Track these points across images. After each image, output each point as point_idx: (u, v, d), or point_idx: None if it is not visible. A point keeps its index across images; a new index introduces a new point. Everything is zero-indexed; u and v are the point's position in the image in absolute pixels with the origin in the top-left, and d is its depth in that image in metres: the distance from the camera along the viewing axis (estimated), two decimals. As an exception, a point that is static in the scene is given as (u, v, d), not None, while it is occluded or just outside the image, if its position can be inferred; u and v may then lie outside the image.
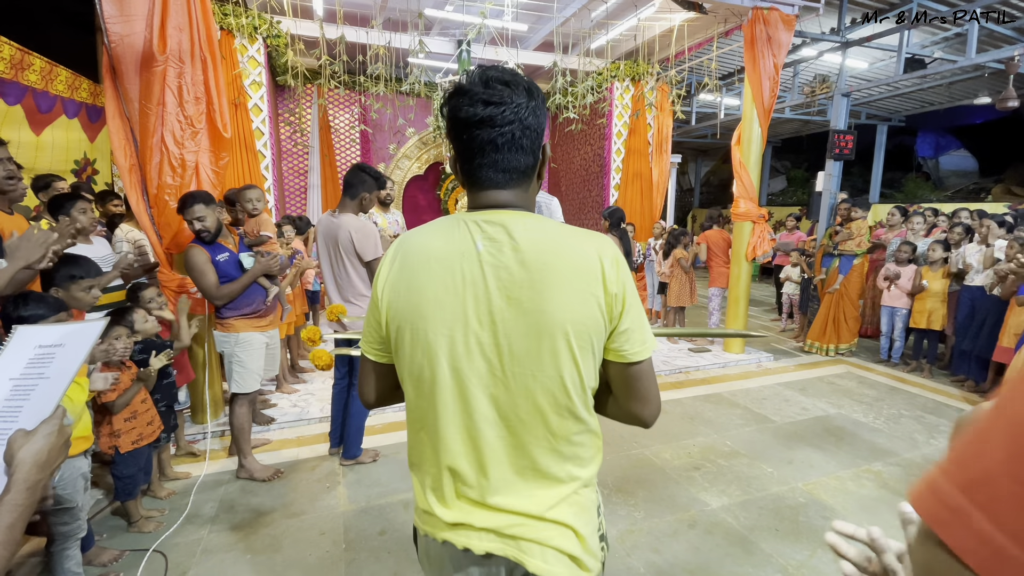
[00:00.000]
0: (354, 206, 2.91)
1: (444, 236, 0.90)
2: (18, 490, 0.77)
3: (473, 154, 0.89)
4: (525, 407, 0.87)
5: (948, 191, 13.10)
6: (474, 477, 0.90)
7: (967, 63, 6.00)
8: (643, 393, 0.93)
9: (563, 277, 0.84)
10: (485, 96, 0.85)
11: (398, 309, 0.90)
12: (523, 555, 0.88)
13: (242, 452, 2.92)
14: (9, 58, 3.62)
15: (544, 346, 0.84)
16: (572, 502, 0.91)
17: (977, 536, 0.34)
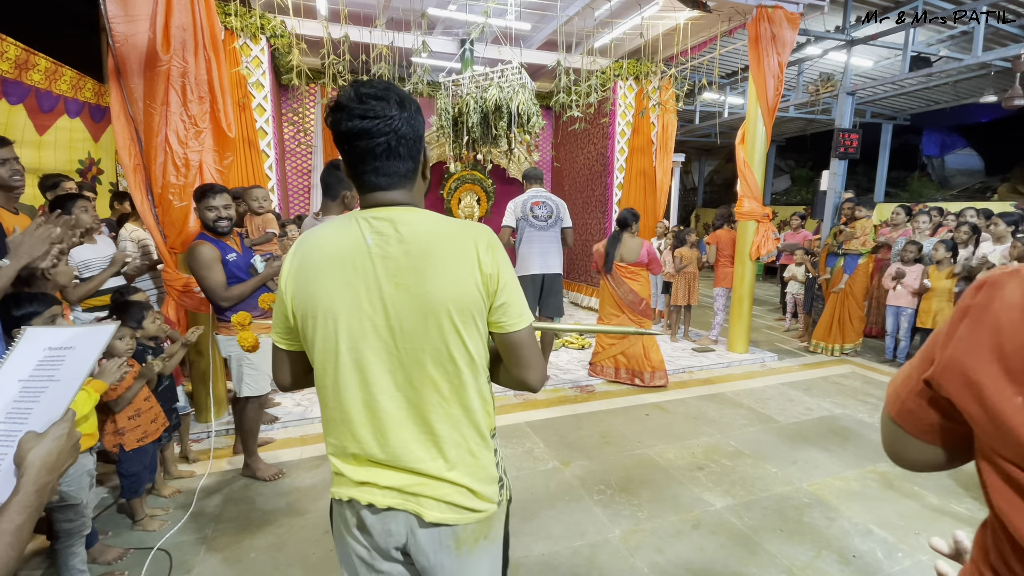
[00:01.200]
0: (337, 206, 2.80)
1: (338, 233, 1.02)
2: (27, 492, 0.78)
3: (356, 162, 1.00)
4: (419, 378, 0.99)
5: (954, 190, 13.03)
6: (377, 443, 1.01)
7: (973, 61, 5.96)
8: (526, 360, 1.06)
9: (443, 262, 0.97)
10: (360, 111, 0.95)
11: (300, 300, 1.01)
12: (421, 508, 1.01)
13: (249, 451, 2.92)
14: (14, 58, 3.64)
15: (431, 323, 0.97)
16: (467, 463, 1.03)
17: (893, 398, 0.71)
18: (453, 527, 1.03)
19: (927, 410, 0.65)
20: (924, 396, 0.65)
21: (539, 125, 5.30)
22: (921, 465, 0.70)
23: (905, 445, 0.70)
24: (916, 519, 2.64)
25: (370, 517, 1.03)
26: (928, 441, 0.67)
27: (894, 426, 0.70)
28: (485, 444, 1.07)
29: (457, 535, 1.04)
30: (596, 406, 4.10)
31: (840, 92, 6.80)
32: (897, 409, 0.70)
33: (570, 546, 2.39)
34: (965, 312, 0.60)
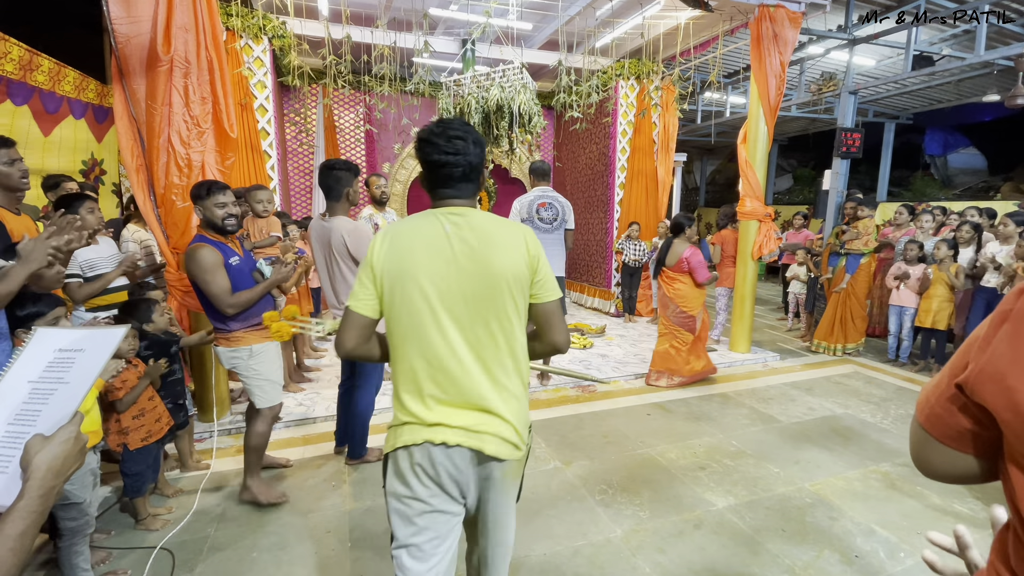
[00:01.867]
0: (343, 206, 2.85)
1: (422, 223, 1.33)
2: (31, 496, 0.77)
3: (439, 180, 1.36)
4: (483, 332, 1.29)
5: (957, 189, 12.99)
6: (454, 384, 1.29)
7: (976, 60, 5.94)
8: (556, 325, 1.39)
9: (503, 246, 1.30)
10: (447, 148, 1.31)
11: (391, 271, 1.29)
12: (483, 444, 1.29)
13: (251, 471, 2.67)
14: (18, 59, 3.65)
15: (494, 289, 1.28)
16: (514, 407, 1.33)
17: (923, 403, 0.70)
18: (502, 463, 1.32)
19: (956, 415, 0.64)
20: (955, 401, 0.64)
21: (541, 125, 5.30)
22: (947, 475, 0.69)
23: (932, 452, 0.68)
24: (919, 519, 2.63)
25: (440, 455, 1.28)
26: (955, 448, 0.65)
27: (922, 432, 0.69)
28: (525, 393, 1.37)
29: (504, 470, 1.33)
30: (597, 406, 4.10)
31: (842, 91, 6.79)
32: (926, 414, 0.68)
33: (572, 546, 2.39)
34: (1005, 317, 0.58)
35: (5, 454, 0.87)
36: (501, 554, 1.47)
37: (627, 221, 6.93)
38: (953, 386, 0.63)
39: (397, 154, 7.65)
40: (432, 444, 1.28)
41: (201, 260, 2.38)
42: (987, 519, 2.58)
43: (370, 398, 3.05)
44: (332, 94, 7.09)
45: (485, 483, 1.34)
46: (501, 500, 1.36)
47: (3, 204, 2.17)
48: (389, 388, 4.48)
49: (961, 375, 0.62)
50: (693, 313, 4.47)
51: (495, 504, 1.36)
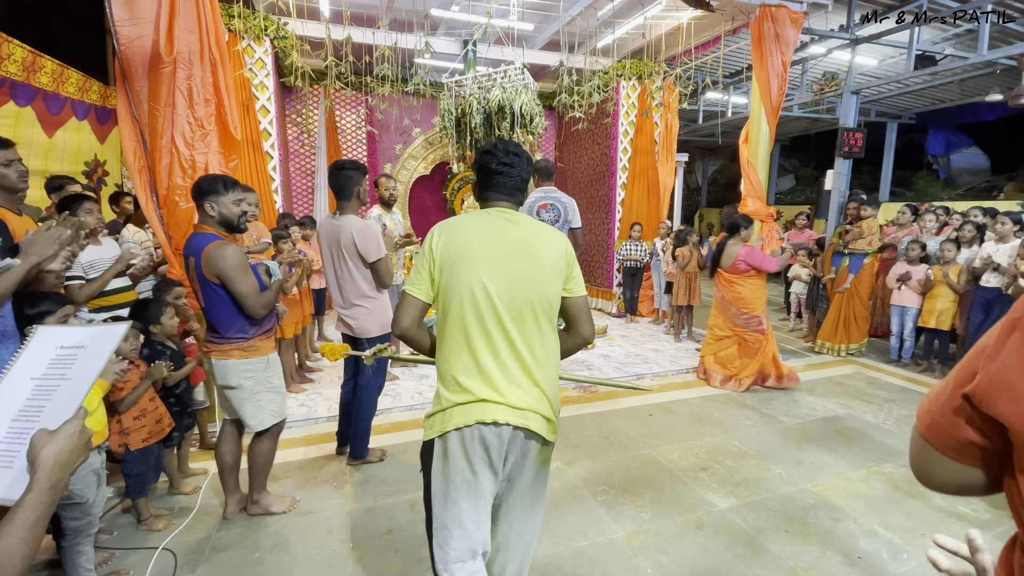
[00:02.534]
0: (354, 205, 2.88)
1: (476, 218, 1.54)
2: (40, 488, 0.79)
3: (494, 185, 1.60)
4: (528, 314, 1.46)
5: (959, 189, 12.95)
6: (503, 369, 1.44)
7: (978, 60, 5.92)
8: (585, 318, 1.58)
9: (545, 243, 1.52)
10: (505, 160, 1.57)
11: (448, 257, 1.47)
12: (528, 422, 1.43)
13: (259, 487, 2.58)
14: (21, 60, 3.67)
15: (539, 276, 1.47)
16: (550, 383, 1.51)
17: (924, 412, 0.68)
18: (540, 444, 1.47)
19: (960, 426, 0.62)
20: (960, 412, 0.62)
21: (542, 125, 5.31)
22: (947, 485, 0.67)
23: (933, 463, 0.67)
24: (922, 520, 2.62)
25: (490, 434, 1.41)
26: (957, 459, 0.64)
27: (922, 442, 0.67)
28: (557, 376, 1.55)
29: (541, 452, 1.49)
30: (599, 407, 4.09)
31: (844, 91, 6.77)
32: (927, 424, 0.66)
33: (573, 547, 2.39)
34: (1015, 325, 0.57)
35: (11, 449, 0.89)
36: (524, 536, 1.56)
37: (629, 222, 6.93)
38: (959, 396, 0.61)
39: (399, 155, 7.66)
40: (483, 424, 1.40)
41: (233, 258, 2.19)
42: (990, 520, 2.57)
43: (372, 399, 3.05)
44: (334, 95, 7.10)
45: (521, 460, 1.47)
46: (531, 476, 1.50)
47: (4, 205, 2.17)
48: (390, 389, 4.48)
49: (968, 385, 0.60)
50: (757, 313, 4.35)
51: (524, 480, 1.50)
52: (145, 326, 2.60)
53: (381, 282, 2.91)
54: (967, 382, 0.60)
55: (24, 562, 0.75)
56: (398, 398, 4.11)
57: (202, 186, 2.27)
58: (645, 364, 5.09)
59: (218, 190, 2.26)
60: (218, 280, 2.20)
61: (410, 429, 3.64)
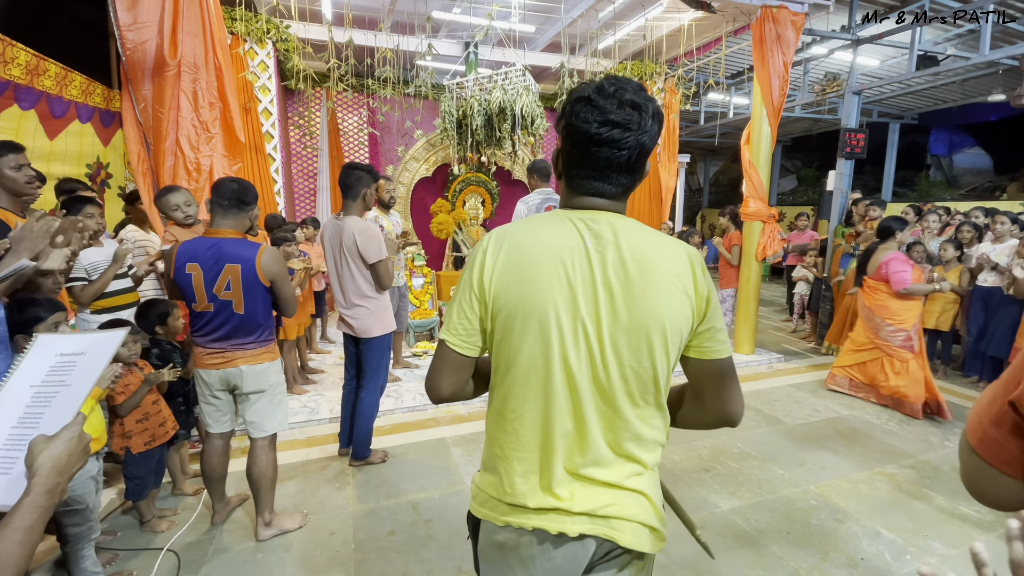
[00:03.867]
0: (358, 206, 2.89)
1: (552, 230, 0.94)
2: (37, 492, 0.79)
3: (588, 164, 0.94)
4: (620, 394, 0.93)
5: (962, 189, 12.92)
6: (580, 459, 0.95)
7: (980, 60, 5.91)
8: (729, 390, 0.98)
9: (663, 276, 0.91)
10: (614, 117, 0.88)
11: (508, 300, 0.93)
12: (615, 532, 0.94)
13: (269, 507, 2.45)
14: (25, 64, 3.69)
15: (642, 339, 0.91)
16: (648, 477, 0.99)
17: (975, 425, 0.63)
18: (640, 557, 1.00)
19: (1012, 439, 0.58)
20: (1007, 422, 0.58)
21: (543, 127, 5.31)
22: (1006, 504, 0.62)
23: (988, 480, 0.62)
24: (925, 521, 2.62)
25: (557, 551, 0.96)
26: (1012, 475, 0.59)
27: (974, 458, 0.63)
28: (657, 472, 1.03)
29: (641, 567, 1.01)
30: (601, 408, 4.09)
31: (846, 91, 6.77)
32: (979, 438, 0.62)
33: (576, 548, 2.39)
34: None
35: (9, 456, 0.90)
36: None
37: (630, 222, 6.92)
38: (1006, 403, 0.58)
39: (400, 157, 7.68)
40: (547, 533, 0.95)
41: (283, 261, 2.27)
42: (994, 521, 2.56)
43: (374, 399, 3.05)
44: (335, 97, 7.12)
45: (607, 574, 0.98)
46: None
47: (8, 207, 2.19)
48: (392, 390, 4.48)
49: (1014, 391, 0.57)
50: (906, 328, 3.81)
51: None
52: (151, 327, 2.62)
53: (381, 284, 2.92)
54: (1012, 389, 0.58)
55: (19, 566, 0.75)
56: (400, 399, 4.12)
57: (253, 193, 2.27)
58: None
59: (256, 199, 2.31)
60: (269, 284, 2.22)
61: (412, 430, 3.65)
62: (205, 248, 2.17)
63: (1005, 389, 0.59)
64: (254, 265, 2.16)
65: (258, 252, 2.18)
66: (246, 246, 2.19)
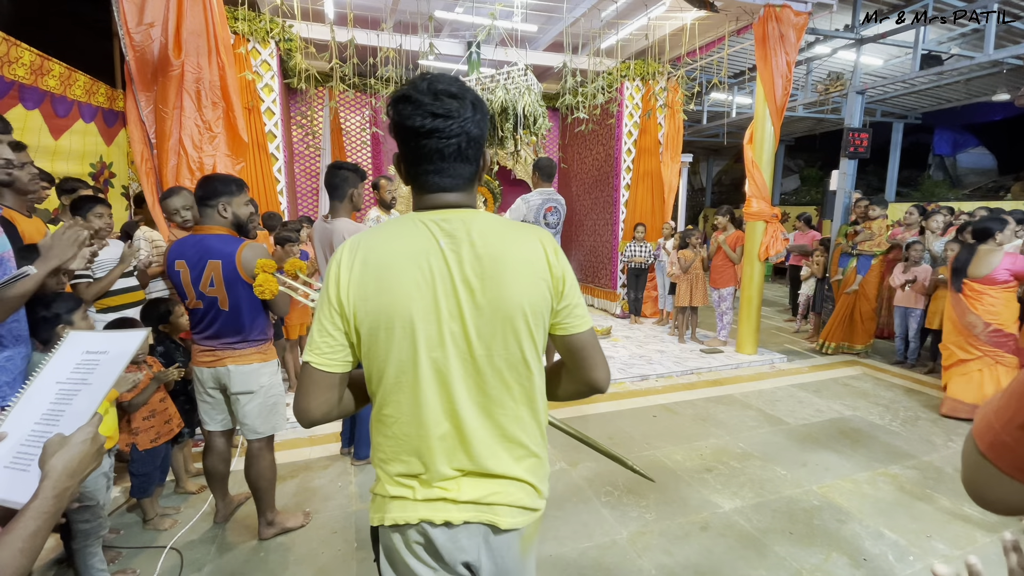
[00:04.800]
0: (346, 208, 2.82)
1: (404, 235, 0.96)
2: (45, 497, 0.78)
3: (421, 160, 0.96)
4: (493, 383, 0.97)
5: (966, 189, 12.87)
6: (462, 452, 0.99)
7: (985, 59, 5.89)
8: (593, 359, 1.05)
9: (517, 264, 0.95)
10: (433, 108, 0.91)
11: (370, 310, 0.94)
12: (496, 517, 0.99)
13: (270, 507, 2.44)
14: (29, 64, 3.70)
15: (507, 327, 0.95)
16: (532, 462, 1.04)
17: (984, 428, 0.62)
18: (520, 531, 1.03)
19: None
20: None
21: (545, 127, 5.30)
22: (1011, 508, 0.62)
23: (995, 485, 0.61)
24: (928, 522, 2.61)
25: (441, 536, 0.99)
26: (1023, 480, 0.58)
27: (983, 461, 0.61)
28: (545, 442, 1.08)
29: (522, 537, 1.05)
30: (603, 407, 4.09)
31: (850, 91, 6.75)
32: (989, 442, 0.60)
33: (577, 547, 2.39)
34: None
35: (29, 453, 0.90)
36: None
37: (633, 223, 6.92)
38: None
39: (403, 156, 7.68)
40: (432, 524, 0.98)
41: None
42: (997, 523, 2.55)
43: (376, 399, 3.04)
44: (338, 97, 7.13)
45: (502, 559, 1.03)
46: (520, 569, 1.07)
47: (14, 206, 2.19)
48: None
49: None
50: (1011, 329, 3.72)
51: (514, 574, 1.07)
52: (156, 324, 2.63)
53: None
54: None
55: (19, 573, 0.73)
56: (402, 399, 4.12)
57: (217, 186, 2.17)
58: (649, 365, 5.08)
59: (232, 191, 2.19)
60: (252, 281, 2.14)
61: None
62: (191, 245, 2.15)
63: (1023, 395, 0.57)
64: (234, 261, 2.11)
65: (239, 248, 2.12)
66: (229, 242, 2.14)
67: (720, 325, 5.81)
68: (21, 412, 0.96)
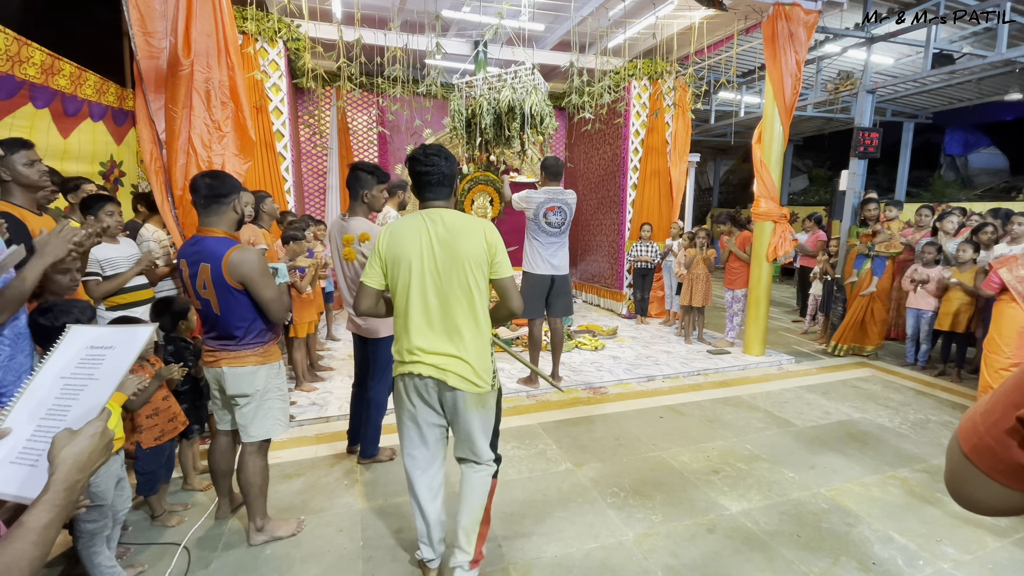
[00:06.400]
0: (361, 207, 2.88)
1: (411, 220, 1.91)
2: (56, 490, 0.78)
3: (422, 186, 1.95)
4: (452, 299, 1.86)
5: (978, 190, 12.72)
6: (431, 334, 1.88)
7: (997, 58, 5.82)
8: (511, 294, 1.95)
9: (467, 236, 1.86)
10: (426, 162, 1.92)
11: (391, 254, 1.89)
12: (446, 377, 1.87)
13: (260, 513, 2.39)
14: (40, 63, 3.73)
15: (460, 267, 1.85)
16: (476, 355, 1.89)
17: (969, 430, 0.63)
18: (463, 392, 1.88)
19: (1014, 450, 0.57)
20: (1014, 435, 0.57)
21: (552, 126, 5.29)
22: (990, 509, 0.63)
23: (977, 486, 0.62)
24: (938, 526, 2.58)
25: (418, 382, 1.89)
26: (1006, 484, 0.59)
27: (966, 463, 0.62)
28: (486, 347, 1.93)
29: (465, 399, 1.90)
30: (609, 408, 4.08)
31: (860, 90, 6.68)
32: (972, 444, 0.61)
33: (583, 548, 2.38)
34: None
35: (36, 448, 0.90)
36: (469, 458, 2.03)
37: (639, 222, 6.89)
38: (1013, 418, 0.57)
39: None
40: (413, 375, 1.89)
41: (258, 262, 2.10)
42: (1008, 527, 2.51)
43: (382, 398, 3.06)
44: (345, 96, 7.14)
45: (453, 404, 1.91)
46: (465, 420, 1.92)
47: (24, 204, 2.21)
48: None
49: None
50: None
51: (463, 422, 1.93)
52: (172, 323, 2.64)
53: None
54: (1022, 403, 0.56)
55: (33, 566, 0.73)
56: (408, 398, 4.12)
57: (233, 181, 2.15)
58: (656, 366, 5.06)
59: (241, 187, 2.18)
60: (241, 286, 2.09)
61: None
62: (190, 246, 2.15)
63: (1011, 401, 0.57)
64: (220, 265, 2.06)
65: (226, 252, 2.06)
66: (221, 245, 2.09)
67: (729, 326, 5.77)
68: (24, 407, 0.96)
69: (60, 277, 2.05)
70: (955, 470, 0.65)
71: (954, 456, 0.65)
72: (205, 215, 2.16)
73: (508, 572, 2.23)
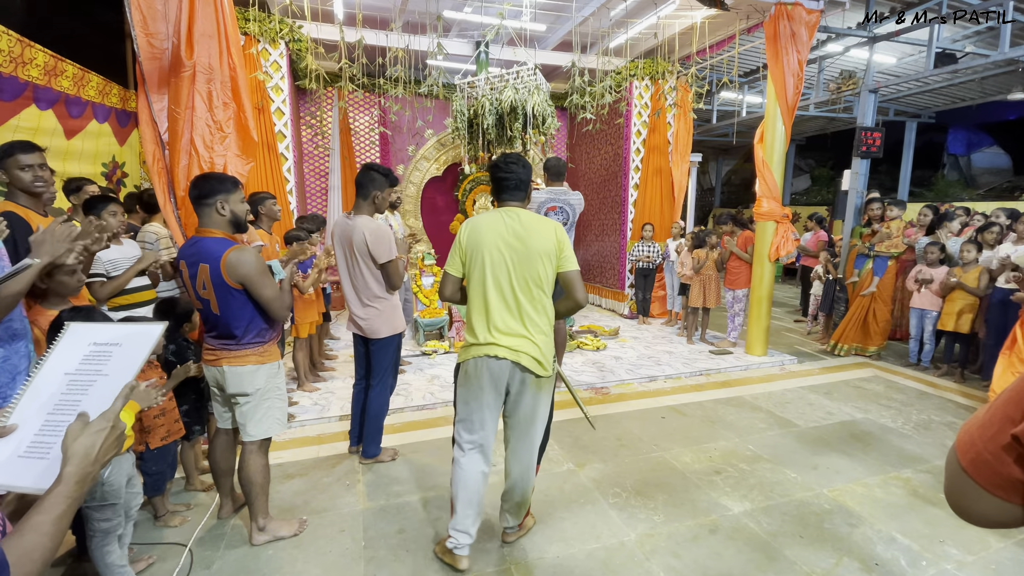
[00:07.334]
0: (368, 207, 2.89)
1: (491, 216, 2.11)
2: (68, 482, 0.79)
3: (501, 189, 2.17)
4: (523, 290, 2.05)
5: (980, 189, 12.68)
6: (504, 320, 2.06)
7: (1000, 58, 5.80)
8: (577, 286, 2.09)
9: (540, 233, 2.06)
10: (506, 168, 2.15)
11: (471, 247, 2.09)
12: (520, 359, 2.04)
13: (262, 512, 2.38)
14: (43, 65, 3.74)
15: (533, 260, 2.04)
16: (539, 338, 2.08)
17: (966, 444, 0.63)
18: (531, 375, 2.06)
19: (1010, 466, 0.58)
20: (1010, 451, 0.57)
21: (554, 126, 5.29)
22: (989, 521, 0.63)
23: (974, 499, 0.62)
24: (941, 527, 2.57)
25: (493, 364, 2.05)
26: (1003, 497, 0.59)
27: (964, 476, 0.62)
28: (550, 333, 2.12)
29: (536, 381, 2.08)
30: (611, 408, 4.07)
31: (862, 90, 6.67)
32: (970, 458, 0.61)
33: (585, 549, 2.38)
34: None
35: (46, 441, 0.91)
36: (525, 446, 2.17)
37: (641, 222, 6.89)
38: (1009, 436, 0.57)
39: (411, 156, 7.70)
40: (489, 356, 2.05)
41: (257, 262, 2.10)
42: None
43: (384, 398, 3.06)
44: (347, 97, 7.16)
45: (520, 387, 2.08)
46: (529, 400, 2.09)
47: (30, 206, 2.22)
48: (402, 389, 4.49)
49: (1021, 424, 0.56)
50: None
51: (525, 402, 2.10)
52: (176, 323, 2.65)
53: (391, 283, 2.92)
54: (1018, 418, 0.56)
55: (45, 556, 0.75)
56: (410, 398, 4.13)
57: (213, 184, 2.14)
58: (658, 366, 5.05)
59: (228, 188, 2.15)
60: (240, 286, 2.10)
61: (422, 429, 3.66)
62: (189, 247, 2.16)
63: (1007, 416, 0.57)
64: (219, 265, 2.06)
65: (225, 252, 2.06)
66: (215, 244, 2.09)
67: (731, 326, 5.76)
68: (29, 403, 0.97)
69: (67, 279, 2.05)
70: (954, 483, 0.65)
71: (952, 469, 0.65)
72: (199, 217, 2.18)
73: (510, 572, 2.23)
